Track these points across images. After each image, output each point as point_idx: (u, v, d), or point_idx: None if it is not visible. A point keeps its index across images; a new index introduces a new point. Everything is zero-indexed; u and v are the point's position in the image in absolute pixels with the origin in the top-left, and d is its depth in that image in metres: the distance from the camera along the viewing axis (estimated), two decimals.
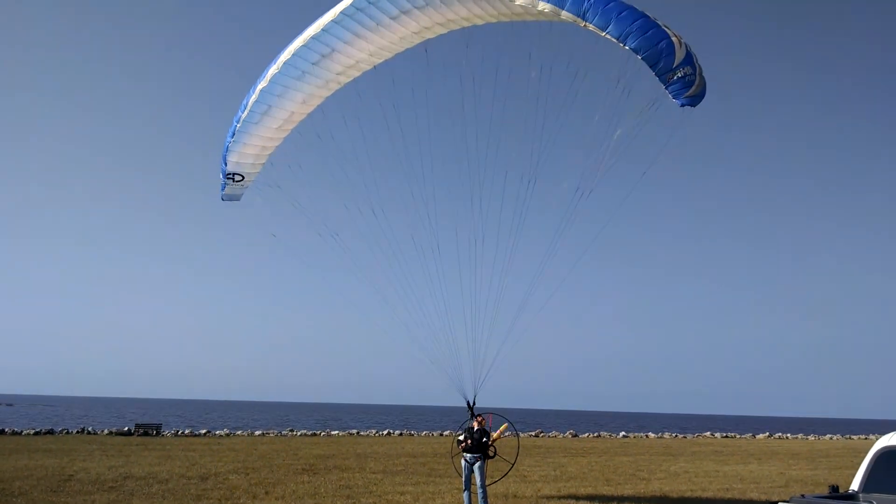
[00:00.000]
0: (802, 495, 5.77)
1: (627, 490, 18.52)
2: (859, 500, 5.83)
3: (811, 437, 60.33)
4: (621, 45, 11.17)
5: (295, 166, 14.38)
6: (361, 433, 48.31)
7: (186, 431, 44.66)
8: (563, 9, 11.21)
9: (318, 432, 48.05)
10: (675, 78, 11.41)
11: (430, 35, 13.09)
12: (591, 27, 11.23)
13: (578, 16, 11.16)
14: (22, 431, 39.36)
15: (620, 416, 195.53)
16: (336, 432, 48.55)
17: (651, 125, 12.47)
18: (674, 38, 11.24)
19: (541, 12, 11.55)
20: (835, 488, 6.22)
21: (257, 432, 46.19)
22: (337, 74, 13.38)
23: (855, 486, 6.16)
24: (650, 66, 11.34)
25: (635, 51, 11.19)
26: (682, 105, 11.86)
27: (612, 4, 11.10)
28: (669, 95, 11.68)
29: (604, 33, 11.17)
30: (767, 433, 64.41)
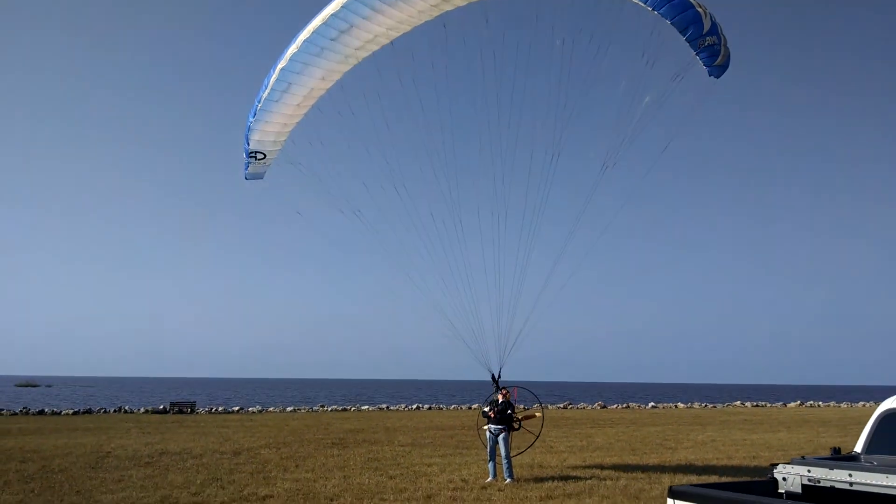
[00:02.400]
0: (803, 457, 5.84)
1: (653, 459, 18.62)
2: (860, 461, 5.88)
3: (843, 405, 59.80)
4: (650, 9, 11.10)
5: (317, 144, 14.48)
6: (391, 408, 48.94)
7: (220, 409, 45.63)
8: None
9: (349, 408, 48.78)
10: (705, 45, 11.42)
11: (448, 7, 12.99)
12: None
13: None
14: (61, 411, 40.51)
15: (650, 387, 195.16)
16: (366, 407, 49.24)
17: (671, 99, 12.43)
18: (699, 9, 11.25)
19: None
20: (836, 450, 6.29)
21: (289, 408, 47.03)
22: (356, 49, 13.36)
23: (858, 447, 6.21)
24: (680, 32, 11.34)
25: (664, 16, 11.14)
26: (711, 74, 11.91)
27: None
28: (700, 62, 11.67)
29: None
30: (799, 402, 63.96)
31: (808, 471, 5.45)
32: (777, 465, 5.76)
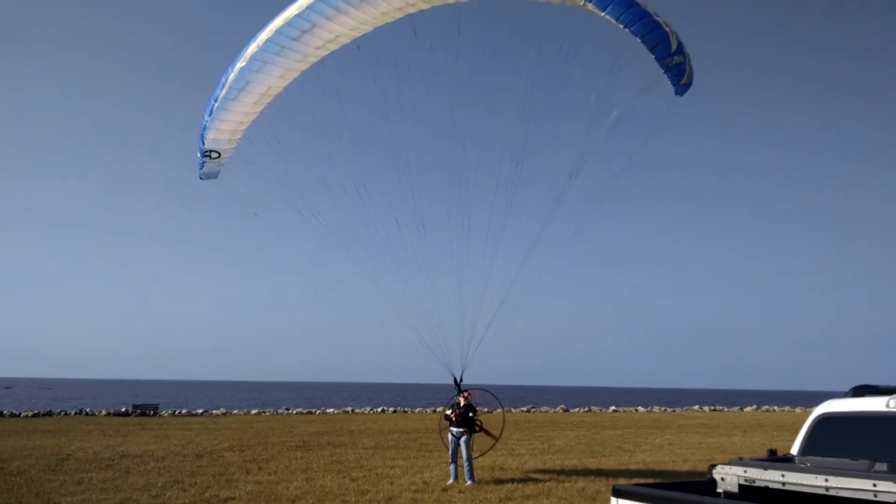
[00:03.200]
0: (740, 458, 6.21)
1: (611, 462, 19.07)
2: (794, 463, 6.27)
3: (798, 410, 61.26)
4: (621, 26, 11.44)
5: (275, 144, 14.34)
6: (356, 410, 48.93)
7: (183, 411, 45.16)
8: None
9: (314, 410, 48.64)
10: (673, 64, 11.82)
11: (412, 10, 13.16)
12: (590, 7, 11.44)
13: None
14: (20, 413, 39.75)
15: (612, 392, 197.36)
16: (331, 410, 49.15)
17: (639, 110, 12.82)
18: (666, 28, 11.65)
19: None
20: (773, 451, 6.69)
21: (253, 411, 46.72)
22: (316, 49, 13.37)
23: (794, 450, 6.61)
24: (650, 50, 11.70)
25: (635, 34, 11.51)
26: (677, 93, 12.33)
27: None
28: (668, 81, 12.07)
29: (603, 13, 11.41)
30: (755, 406, 65.38)
31: (745, 471, 5.81)
32: (716, 465, 6.12)
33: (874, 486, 4.88)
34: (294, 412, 46.67)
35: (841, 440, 6.32)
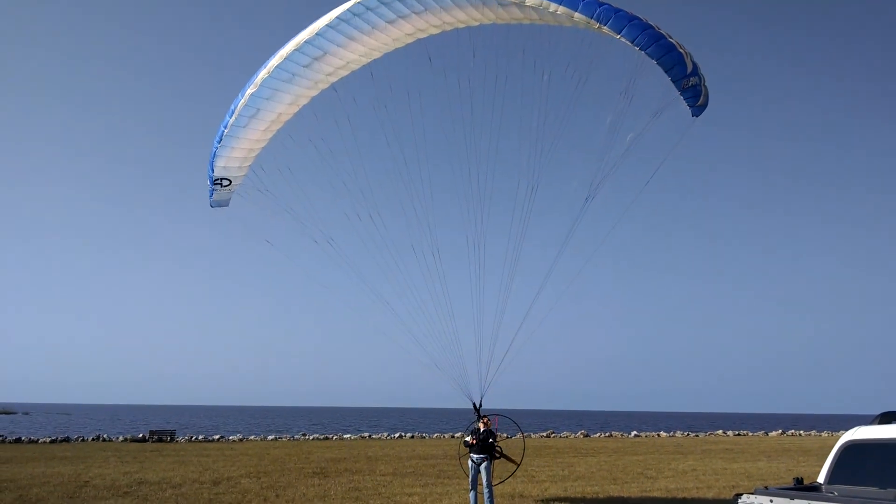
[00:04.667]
0: (766, 487, 6.02)
1: (634, 489, 18.69)
2: (821, 492, 6.06)
3: (824, 434, 60.10)
4: (636, 48, 11.40)
5: (287, 172, 14.29)
6: (373, 436, 48.58)
7: (200, 437, 45.03)
8: (576, 11, 11.38)
9: (330, 436, 48.34)
10: (689, 86, 11.76)
11: (423, 35, 13.20)
12: (605, 30, 11.44)
13: (592, 18, 11.35)
14: (39, 440, 39.85)
15: (633, 416, 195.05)
16: (348, 436, 48.82)
17: (651, 132, 12.72)
18: (681, 50, 11.60)
19: (553, 14, 11.68)
20: (799, 480, 6.47)
21: (270, 437, 46.52)
22: (327, 75, 13.42)
23: (821, 478, 6.40)
24: (666, 72, 11.65)
25: (651, 56, 11.47)
26: (693, 114, 12.25)
27: (622, 13, 11.41)
28: (685, 103, 11.99)
29: (619, 36, 11.40)
30: (780, 430, 64.20)
31: (771, 501, 5.62)
32: (742, 494, 5.93)
33: None
34: (311, 438, 46.42)
35: (868, 468, 6.12)
